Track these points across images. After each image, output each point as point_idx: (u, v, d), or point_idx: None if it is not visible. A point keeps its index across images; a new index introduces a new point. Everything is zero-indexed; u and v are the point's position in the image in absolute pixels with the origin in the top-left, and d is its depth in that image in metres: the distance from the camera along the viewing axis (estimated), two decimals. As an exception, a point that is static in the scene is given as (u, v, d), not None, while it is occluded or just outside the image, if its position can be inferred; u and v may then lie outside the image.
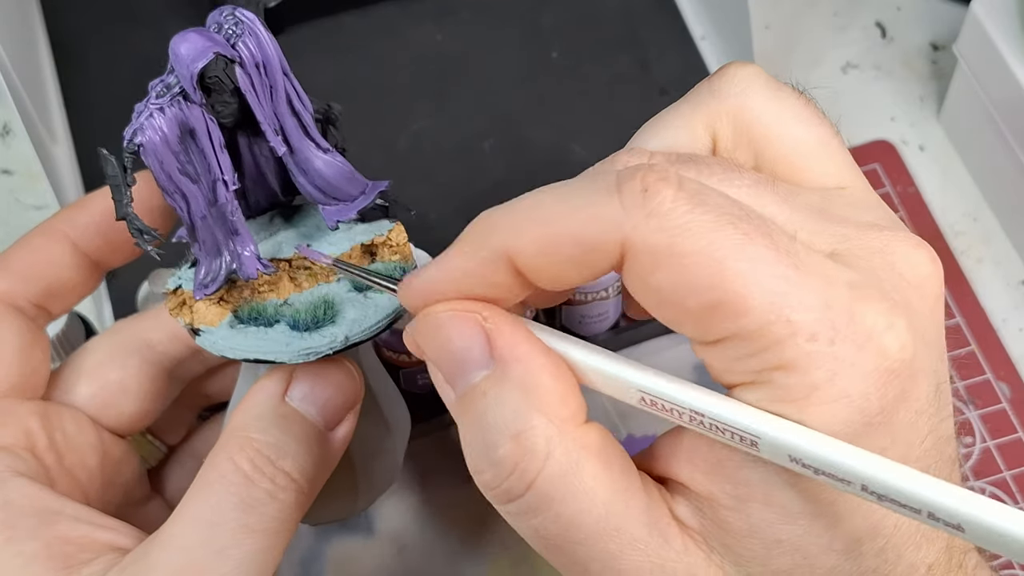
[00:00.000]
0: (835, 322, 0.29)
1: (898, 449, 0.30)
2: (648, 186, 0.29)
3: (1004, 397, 0.66)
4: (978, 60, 0.68)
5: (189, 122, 0.38)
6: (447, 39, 0.76)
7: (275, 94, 0.38)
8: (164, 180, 0.38)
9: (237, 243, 0.39)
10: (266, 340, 0.39)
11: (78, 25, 0.76)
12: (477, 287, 0.32)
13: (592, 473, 0.31)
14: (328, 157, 0.40)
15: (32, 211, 0.72)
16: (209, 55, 0.37)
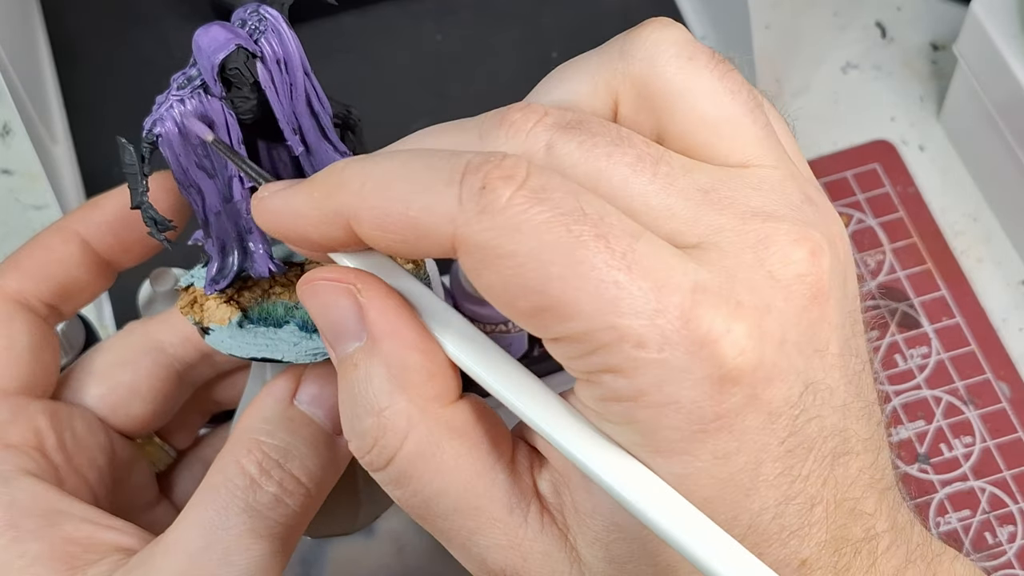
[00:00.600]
0: (664, 328, 0.28)
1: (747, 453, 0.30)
2: (487, 183, 0.29)
3: (1004, 397, 0.66)
4: (978, 60, 0.68)
5: (208, 115, 0.38)
6: (447, 39, 0.76)
7: (295, 92, 0.39)
8: (180, 173, 0.38)
9: (250, 241, 0.39)
10: (274, 340, 0.39)
11: (78, 25, 0.76)
12: (317, 236, 0.32)
13: (454, 453, 0.32)
14: None
15: (32, 211, 0.72)
16: (231, 47, 0.37)
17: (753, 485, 0.30)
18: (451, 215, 0.29)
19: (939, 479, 0.64)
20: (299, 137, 0.39)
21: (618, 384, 0.29)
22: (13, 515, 0.38)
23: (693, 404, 0.29)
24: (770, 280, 0.30)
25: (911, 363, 0.67)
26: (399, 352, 0.32)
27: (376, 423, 0.32)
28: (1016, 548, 0.62)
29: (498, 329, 0.61)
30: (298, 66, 0.39)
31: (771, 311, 0.30)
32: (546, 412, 0.32)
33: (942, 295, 0.69)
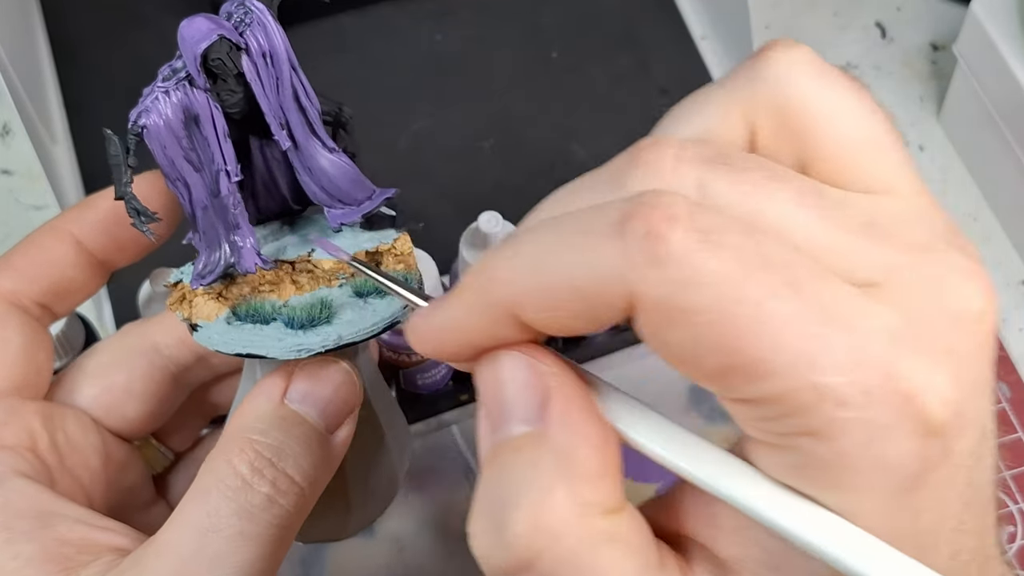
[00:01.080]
0: (868, 383, 0.26)
1: (936, 509, 0.28)
2: (650, 228, 0.26)
3: (1004, 397, 0.66)
4: (978, 60, 0.68)
5: (194, 108, 0.38)
6: (447, 39, 0.76)
7: (281, 86, 0.38)
8: (167, 165, 0.38)
9: (237, 236, 0.39)
10: (259, 336, 0.38)
11: (78, 25, 0.76)
12: (485, 340, 0.29)
13: (611, 559, 0.28)
14: (333, 157, 0.40)
15: (32, 211, 0.72)
16: (213, 37, 0.37)
17: (935, 542, 0.28)
18: (620, 272, 0.26)
19: (939, 479, 0.64)
20: (287, 132, 0.39)
21: (819, 450, 0.27)
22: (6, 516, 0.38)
23: (899, 463, 0.27)
24: (954, 321, 0.28)
25: (911, 363, 0.67)
26: (574, 446, 0.29)
27: (530, 517, 0.28)
28: (1016, 548, 0.62)
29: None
30: (284, 60, 0.38)
31: (960, 355, 0.28)
32: (759, 494, 0.28)
33: (942, 295, 0.69)
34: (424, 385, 0.63)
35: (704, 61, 0.75)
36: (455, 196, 0.71)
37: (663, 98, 0.73)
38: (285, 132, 0.39)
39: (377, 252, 0.40)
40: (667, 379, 0.63)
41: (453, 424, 0.62)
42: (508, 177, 0.71)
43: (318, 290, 0.40)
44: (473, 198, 0.71)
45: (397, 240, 0.41)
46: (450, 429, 0.62)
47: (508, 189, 0.71)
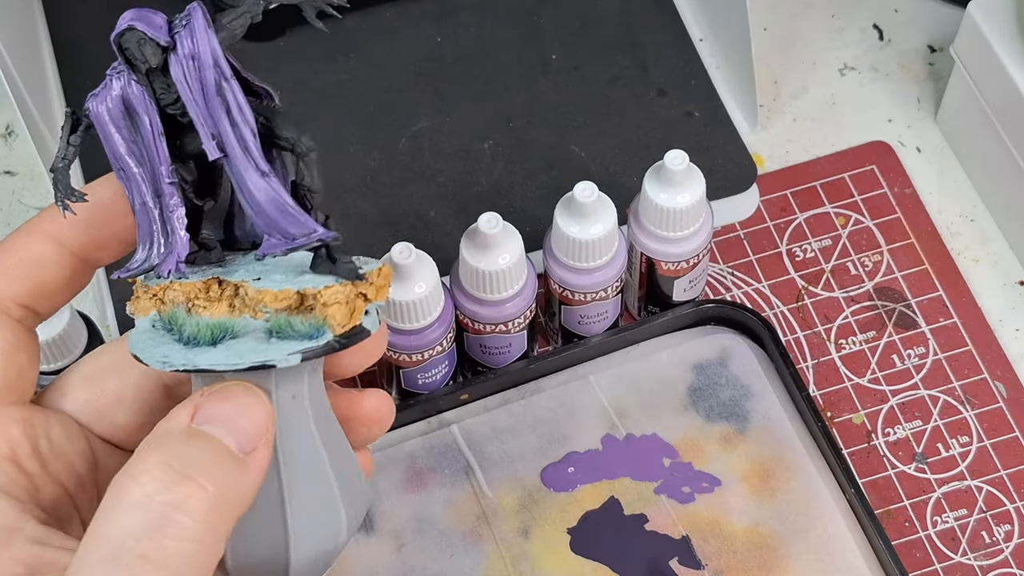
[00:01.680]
0: None
1: None
2: None
3: (1001, 397, 0.66)
4: (975, 62, 0.69)
5: (130, 100, 0.37)
6: (447, 40, 0.76)
7: (207, 93, 0.37)
8: (111, 154, 0.38)
9: (170, 239, 0.39)
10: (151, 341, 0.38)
11: (80, 26, 0.76)
12: None
13: None
14: (263, 181, 0.38)
15: (34, 212, 0.72)
16: (123, 25, 0.37)
17: None
18: None
19: (936, 478, 0.64)
20: (216, 143, 0.38)
21: None
22: None
23: None
24: None
25: (908, 363, 0.67)
26: None
27: None
28: (1013, 547, 0.63)
29: (497, 329, 0.62)
30: (209, 65, 0.37)
31: None
32: None
33: (939, 295, 0.69)
34: (424, 385, 0.63)
35: (703, 62, 0.75)
36: (455, 196, 0.71)
37: (662, 99, 0.74)
38: (214, 143, 0.37)
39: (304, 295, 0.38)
40: (666, 379, 0.63)
41: (453, 424, 0.62)
42: (508, 177, 0.72)
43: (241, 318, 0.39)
44: (473, 198, 0.71)
45: (327, 288, 0.38)
46: (450, 429, 0.62)
47: (508, 189, 0.71)
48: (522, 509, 0.60)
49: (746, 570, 0.59)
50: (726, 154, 0.72)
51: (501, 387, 0.63)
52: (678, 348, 0.64)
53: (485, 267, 0.59)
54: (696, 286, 0.66)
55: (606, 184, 0.68)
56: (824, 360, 0.67)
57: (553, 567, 0.59)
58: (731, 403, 0.63)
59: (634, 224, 0.63)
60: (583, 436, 0.62)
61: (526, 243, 0.60)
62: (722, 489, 0.61)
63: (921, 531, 0.63)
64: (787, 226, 0.71)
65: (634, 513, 0.60)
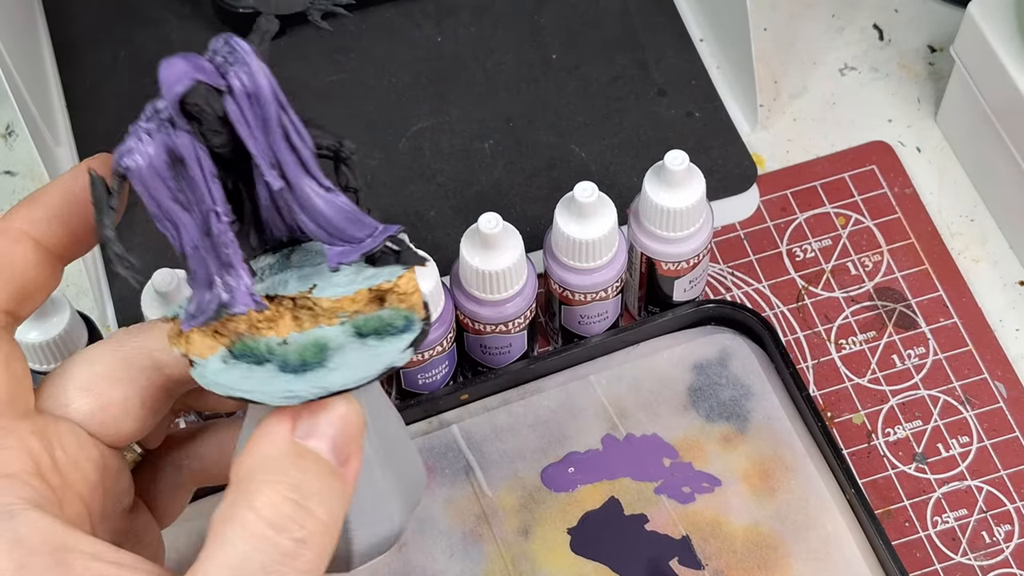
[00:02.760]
0: None
1: None
2: None
3: (1001, 397, 0.66)
4: (975, 62, 0.69)
5: (177, 150, 0.36)
6: (447, 40, 0.76)
7: (268, 126, 0.37)
8: (153, 206, 0.37)
9: (231, 276, 0.38)
10: (251, 378, 0.37)
11: (80, 26, 0.77)
12: None
13: None
14: (329, 196, 0.38)
15: (34, 211, 0.72)
16: (188, 81, 0.36)
17: None
18: None
19: (936, 478, 0.64)
20: (278, 171, 0.38)
21: None
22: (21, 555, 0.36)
23: None
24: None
25: (908, 363, 0.67)
26: None
27: None
28: (1013, 547, 0.63)
29: (497, 329, 0.62)
30: (270, 100, 0.37)
31: None
32: None
33: (939, 296, 0.69)
34: (424, 385, 0.63)
35: (703, 62, 0.75)
36: (455, 196, 0.71)
37: (662, 99, 0.74)
38: (276, 172, 0.38)
39: (379, 290, 0.39)
40: (667, 379, 0.63)
41: (453, 424, 0.62)
42: (508, 177, 0.72)
43: (316, 328, 0.39)
44: (473, 198, 0.71)
45: (401, 278, 0.39)
46: (450, 429, 0.62)
47: (508, 189, 0.71)
48: (522, 509, 0.60)
49: (746, 570, 0.59)
50: (726, 154, 0.72)
51: (501, 387, 0.63)
52: (678, 348, 0.64)
53: (485, 267, 0.59)
54: (696, 286, 0.66)
55: (606, 184, 0.68)
56: (824, 360, 0.67)
57: (553, 567, 0.59)
58: (731, 403, 0.63)
59: (634, 224, 0.63)
60: (583, 436, 0.62)
61: (526, 243, 0.60)
62: (722, 489, 0.61)
63: (921, 531, 0.63)
64: (787, 226, 0.71)
65: (634, 513, 0.60)
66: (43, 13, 0.77)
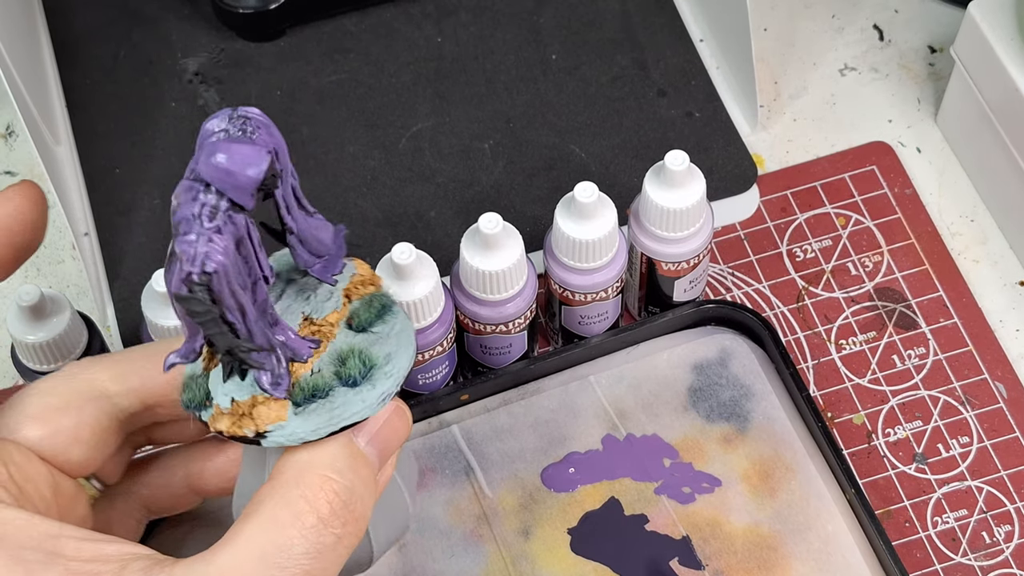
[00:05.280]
0: None
1: None
2: None
3: (1001, 397, 0.66)
4: (975, 62, 0.69)
5: (239, 232, 0.37)
6: (447, 40, 0.76)
7: (284, 177, 0.38)
8: (228, 299, 0.37)
9: (279, 332, 0.39)
10: (338, 408, 0.39)
11: (80, 26, 0.77)
12: None
13: None
14: (316, 220, 0.40)
15: (34, 211, 0.72)
16: (266, 157, 0.36)
17: None
18: None
19: (936, 479, 0.64)
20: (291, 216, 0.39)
21: None
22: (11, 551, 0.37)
23: None
24: None
25: (909, 363, 0.67)
26: None
27: None
28: (1013, 547, 0.63)
29: (497, 330, 0.62)
30: (286, 152, 0.38)
31: None
32: None
33: (939, 296, 0.69)
34: (424, 385, 0.63)
35: (703, 62, 0.75)
36: (455, 196, 0.71)
37: (662, 99, 0.74)
38: (290, 216, 0.39)
39: (353, 288, 0.41)
40: (667, 379, 0.63)
41: (453, 424, 0.62)
42: (508, 177, 0.72)
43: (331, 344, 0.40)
44: (473, 198, 0.71)
45: (359, 268, 0.42)
46: (450, 429, 0.62)
47: (508, 189, 0.71)
48: (522, 509, 0.60)
49: (746, 570, 0.59)
50: (726, 154, 0.72)
51: (501, 387, 0.63)
52: (678, 348, 0.64)
53: (485, 267, 0.59)
54: (696, 286, 0.66)
55: (606, 184, 0.68)
56: (824, 360, 0.67)
57: (553, 567, 0.59)
58: (731, 403, 0.63)
59: (634, 224, 0.63)
60: (583, 436, 0.62)
61: (526, 243, 0.60)
62: (722, 489, 0.61)
63: (921, 531, 0.63)
64: (787, 226, 0.71)
65: (634, 513, 0.60)
66: (43, 13, 0.77)
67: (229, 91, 0.74)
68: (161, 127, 0.73)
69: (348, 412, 0.39)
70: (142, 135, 0.73)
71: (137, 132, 0.73)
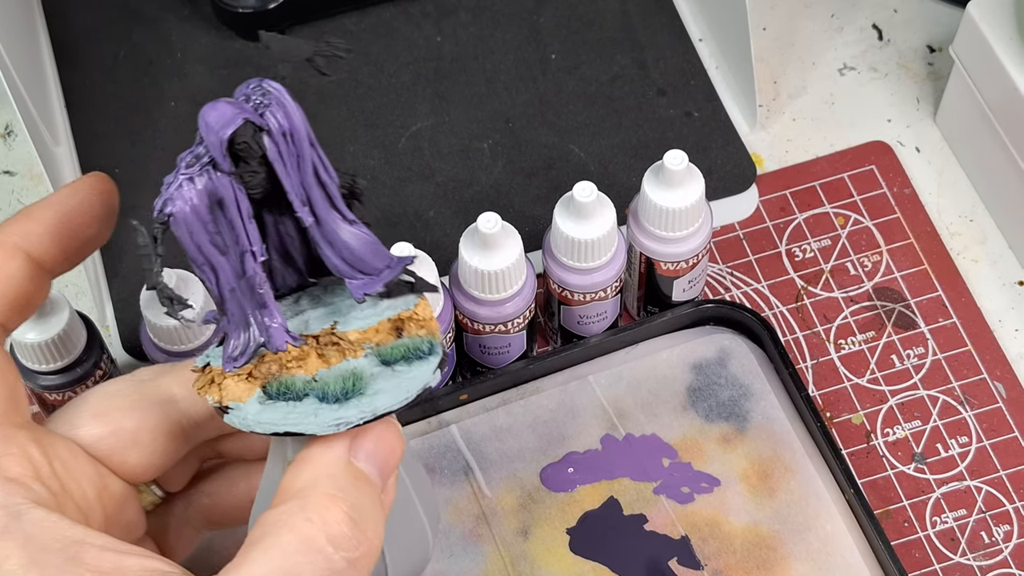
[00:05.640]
0: None
1: None
2: None
3: (1000, 397, 0.66)
4: (974, 62, 0.69)
5: (218, 192, 0.38)
6: (446, 40, 0.76)
7: (302, 164, 0.39)
8: (194, 251, 0.39)
9: (266, 316, 0.39)
10: (295, 413, 0.39)
11: (80, 26, 0.77)
12: None
13: None
14: (354, 229, 0.40)
15: (34, 211, 0.72)
16: (238, 120, 0.38)
17: None
18: None
19: (935, 479, 0.64)
20: (308, 208, 0.39)
21: None
22: (32, 551, 0.36)
23: None
24: None
25: (908, 363, 0.67)
26: None
27: None
28: (1012, 547, 0.63)
29: (496, 329, 0.62)
30: (304, 137, 0.39)
31: None
32: None
33: (938, 296, 0.69)
34: (424, 384, 0.63)
35: (703, 62, 0.75)
36: (455, 196, 0.71)
37: (661, 99, 0.74)
38: (307, 209, 0.39)
39: (399, 319, 0.41)
40: (666, 379, 0.63)
41: (452, 424, 0.62)
42: (507, 177, 0.72)
43: (345, 362, 0.40)
44: (472, 198, 0.71)
45: (418, 306, 0.41)
46: (450, 429, 0.62)
47: (507, 189, 0.71)
48: (521, 509, 0.60)
49: (745, 570, 0.59)
50: (725, 154, 0.72)
51: (500, 387, 0.63)
52: (677, 348, 0.64)
53: (485, 267, 0.59)
54: (695, 286, 0.66)
55: (605, 184, 0.68)
56: (823, 360, 0.68)
57: (552, 567, 0.59)
58: (730, 403, 0.63)
59: (633, 224, 0.63)
60: (582, 436, 0.62)
61: (525, 243, 0.60)
62: (721, 489, 0.61)
63: (920, 531, 0.63)
64: (786, 226, 0.71)
65: (633, 513, 0.60)
66: (43, 13, 0.77)
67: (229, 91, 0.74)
68: (161, 127, 0.73)
69: (299, 421, 0.38)
70: (142, 135, 0.73)
71: (137, 132, 0.73)
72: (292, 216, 0.40)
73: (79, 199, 0.42)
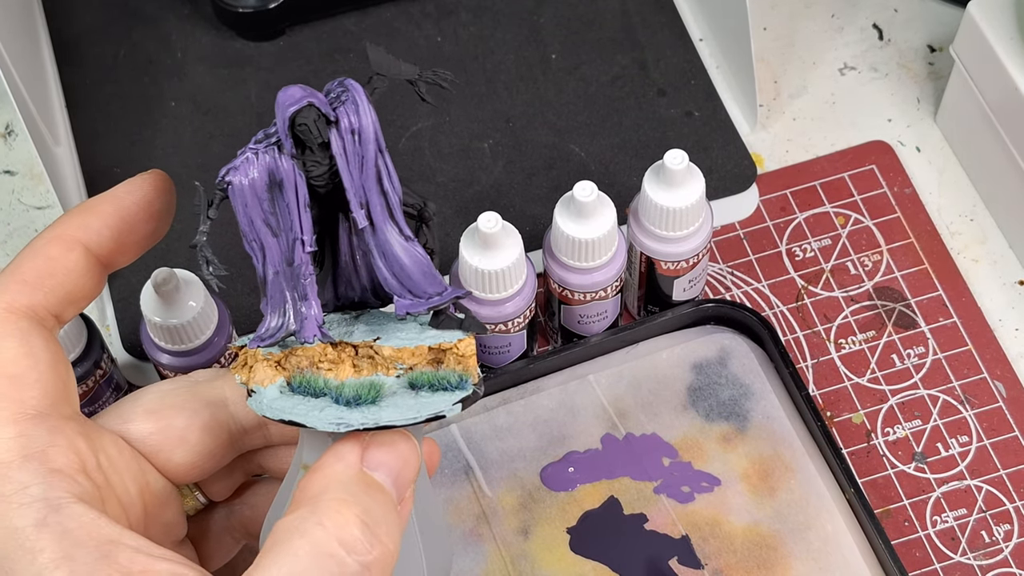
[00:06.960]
0: None
1: None
2: None
3: (1000, 396, 0.66)
4: (974, 62, 0.69)
5: (278, 172, 0.39)
6: (447, 40, 0.76)
7: (365, 165, 0.39)
8: (246, 225, 0.39)
9: (304, 306, 0.40)
10: (304, 406, 0.39)
11: (80, 26, 0.77)
12: None
13: None
14: (408, 246, 0.40)
15: (34, 212, 0.72)
16: (303, 103, 0.38)
17: None
18: None
19: (936, 478, 0.64)
20: (365, 212, 0.40)
21: None
22: (66, 546, 0.37)
23: None
24: None
25: (908, 363, 0.67)
26: None
27: None
28: (1012, 546, 0.63)
29: (497, 329, 0.62)
30: (371, 139, 0.39)
31: None
32: None
33: (939, 295, 0.69)
34: (424, 384, 0.63)
35: (703, 62, 0.75)
36: (455, 196, 0.71)
37: (661, 99, 0.74)
38: (364, 212, 0.40)
39: (439, 349, 0.41)
40: (666, 378, 0.63)
41: (453, 424, 0.62)
42: (508, 177, 0.72)
43: (375, 375, 0.40)
44: (473, 198, 0.71)
45: (461, 341, 0.41)
46: (450, 428, 0.62)
47: (508, 189, 0.71)
48: (522, 508, 0.60)
49: (746, 569, 0.59)
50: (726, 154, 0.72)
51: (501, 387, 0.63)
52: (678, 348, 0.64)
53: (485, 267, 0.59)
54: (696, 286, 0.66)
55: (606, 184, 0.68)
56: (824, 360, 0.68)
57: (553, 566, 0.59)
58: (731, 403, 0.63)
59: (634, 224, 0.63)
60: (583, 436, 0.62)
61: (526, 243, 0.60)
62: (722, 488, 0.61)
63: (920, 531, 0.63)
64: (787, 226, 0.71)
65: (634, 513, 0.60)
66: (43, 13, 0.77)
67: (229, 91, 0.74)
68: (161, 127, 0.73)
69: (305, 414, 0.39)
70: (142, 135, 0.73)
71: (137, 132, 0.73)
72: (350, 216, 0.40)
73: (138, 195, 0.42)
